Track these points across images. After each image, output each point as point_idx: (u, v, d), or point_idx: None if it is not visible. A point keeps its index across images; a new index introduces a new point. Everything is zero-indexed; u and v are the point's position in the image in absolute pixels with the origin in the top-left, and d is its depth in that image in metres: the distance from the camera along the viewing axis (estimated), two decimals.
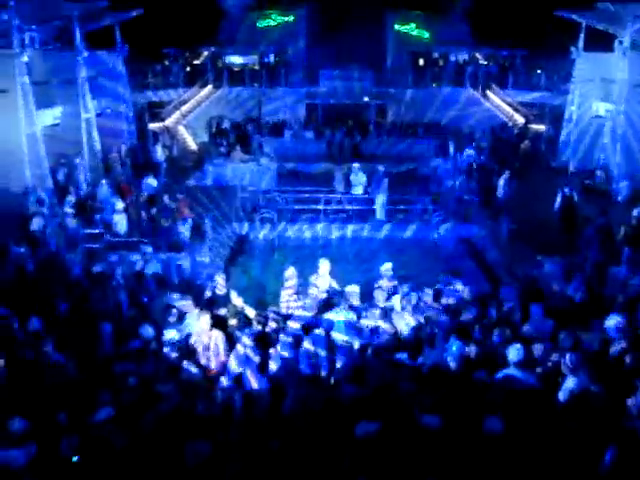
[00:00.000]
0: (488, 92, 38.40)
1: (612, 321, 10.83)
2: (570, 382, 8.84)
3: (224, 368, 10.74)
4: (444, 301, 13.18)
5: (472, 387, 8.87)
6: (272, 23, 43.22)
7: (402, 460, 6.69)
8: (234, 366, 10.46)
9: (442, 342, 10.52)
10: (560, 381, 9.06)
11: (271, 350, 10.79)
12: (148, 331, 11.14)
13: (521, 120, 35.60)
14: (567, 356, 9.08)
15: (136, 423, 7.93)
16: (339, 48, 39.18)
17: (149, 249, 16.27)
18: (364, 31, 40.40)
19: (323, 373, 10.54)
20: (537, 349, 9.94)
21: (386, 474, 6.55)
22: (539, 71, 38.72)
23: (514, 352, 9.45)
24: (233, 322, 12.35)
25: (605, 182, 22.40)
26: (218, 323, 11.98)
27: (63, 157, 22.17)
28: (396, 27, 42.53)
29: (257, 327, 11.86)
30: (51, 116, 21.87)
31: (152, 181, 22.24)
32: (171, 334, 11.26)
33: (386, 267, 14.45)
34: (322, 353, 10.87)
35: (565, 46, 27.53)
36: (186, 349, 11.13)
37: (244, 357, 10.51)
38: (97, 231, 18.40)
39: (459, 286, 13.73)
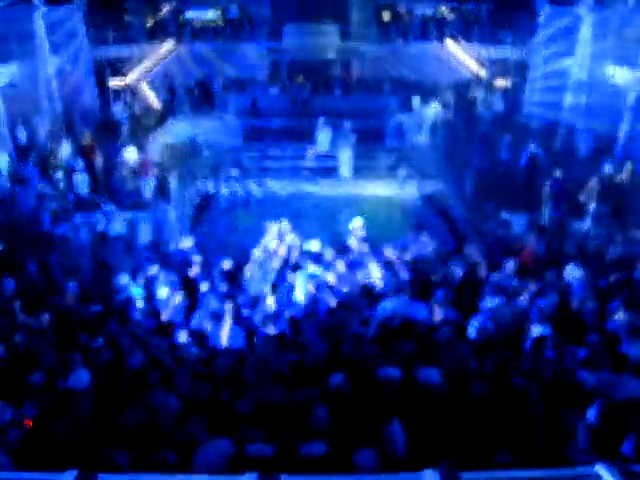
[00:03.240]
0: (453, 47, 38.20)
1: (571, 272, 11.13)
2: (536, 330, 9.10)
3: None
4: (408, 256, 13.27)
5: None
6: None
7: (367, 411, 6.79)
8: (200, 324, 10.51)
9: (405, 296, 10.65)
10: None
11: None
12: (124, 280, 11.16)
13: (484, 75, 35.57)
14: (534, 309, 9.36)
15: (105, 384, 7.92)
16: (304, 3, 38.62)
17: (112, 208, 16.10)
18: None
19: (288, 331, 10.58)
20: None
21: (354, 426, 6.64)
22: (505, 25, 38.59)
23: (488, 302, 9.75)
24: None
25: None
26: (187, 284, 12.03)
27: (22, 116, 21.71)
28: None
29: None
30: (7, 74, 21.36)
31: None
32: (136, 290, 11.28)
33: (356, 223, 14.33)
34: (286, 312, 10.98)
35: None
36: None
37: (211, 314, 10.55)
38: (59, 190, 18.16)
39: (424, 238, 13.84)
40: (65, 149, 20.21)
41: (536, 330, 9.27)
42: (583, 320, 9.89)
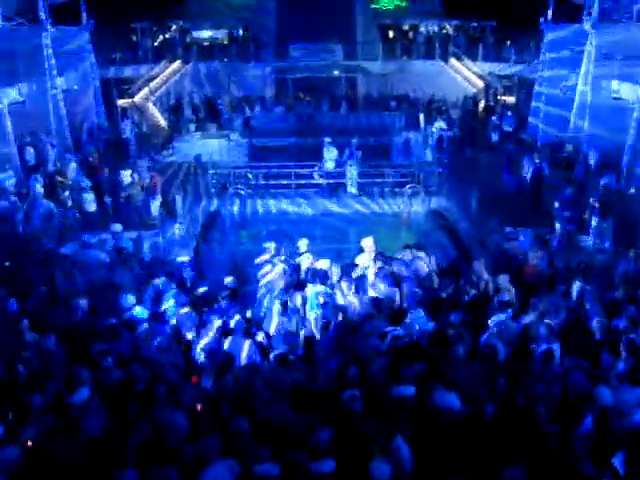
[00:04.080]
0: (458, 64, 38.35)
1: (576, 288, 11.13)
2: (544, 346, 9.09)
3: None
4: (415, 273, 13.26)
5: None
6: None
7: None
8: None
9: (414, 313, 10.64)
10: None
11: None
12: (128, 301, 11.16)
13: (489, 92, 35.67)
14: (541, 326, 9.34)
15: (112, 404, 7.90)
16: (309, 22, 38.82)
17: (119, 227, 16.13)
18: (333, 4, 40.09)
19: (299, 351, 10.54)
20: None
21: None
22: (508, 43, 38.75)
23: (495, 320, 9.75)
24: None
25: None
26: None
27: (30, 135, 21.84)
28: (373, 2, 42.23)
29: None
30: (16, 93, 21.50)
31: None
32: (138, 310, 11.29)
33: (367, 241, 14.30)
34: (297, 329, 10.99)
35: (534, 18, 27.57)
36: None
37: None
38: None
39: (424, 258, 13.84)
40: (72, 168, 20.30)
41: (544, 346, 9.24)
42: (592, 336, 9.85)
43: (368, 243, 14.18)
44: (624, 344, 8.85)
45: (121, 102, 32.68)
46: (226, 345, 10.21)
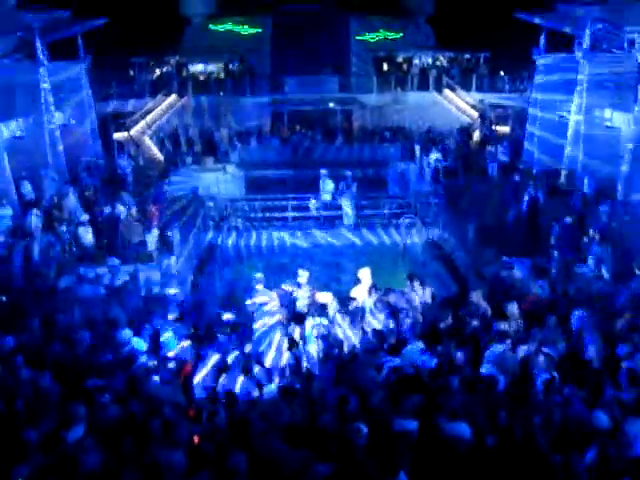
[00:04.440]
0: (452, 95, 38.67)
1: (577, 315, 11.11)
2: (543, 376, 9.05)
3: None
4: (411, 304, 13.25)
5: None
6: (236, 30, 43.12)
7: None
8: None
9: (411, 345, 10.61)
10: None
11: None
12: (125, 335, 11.11)
13: (484, 122, 35.91)
14: (540, 355, 9.31)
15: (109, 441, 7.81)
16: (304, 55, 39.23)
17: (116, 261, 16.11)
18: (328, 37, 40.52)
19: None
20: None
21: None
22: (502, 73, 39.14)
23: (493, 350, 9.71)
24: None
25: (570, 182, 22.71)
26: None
27: (27, 169, 21.86)
28: (360, 34, 42.59)
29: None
30: (14, 128, 21.58)
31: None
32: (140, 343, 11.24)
33: (363, 273, 14.27)
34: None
35: (527, 48, 27.88)
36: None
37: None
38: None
39: (418, 289, 13.83)
40: (70, 201, 20.31)
41: (544, 376, 9.20)
42: (591, 366, 9.82)
43: (365, 274, 14.15)
44: (625, 373, 8.82)
45: (117, 136, 32.81)
46: (222, 380, 10.17)
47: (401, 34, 43.13)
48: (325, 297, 13.26)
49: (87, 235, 18.62)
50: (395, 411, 8.02)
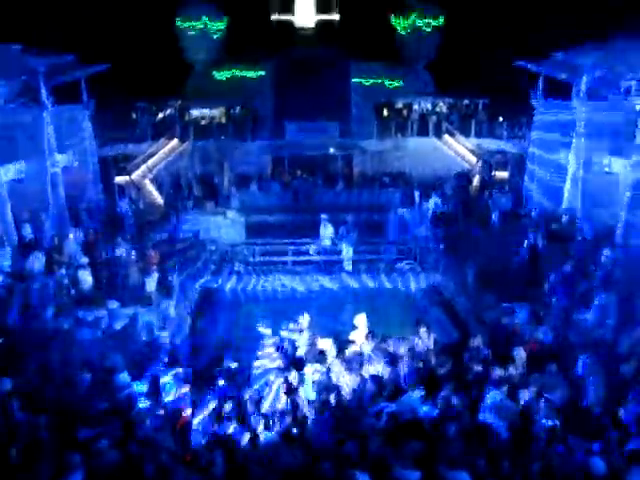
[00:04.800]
0: (451, 140, 38.96)
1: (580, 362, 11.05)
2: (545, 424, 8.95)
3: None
4: (411, 350, 13.16)
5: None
6: (238, 76, 43.66)
7: None
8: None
9: (411, 393, 10.53)
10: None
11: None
12: (124, 379, 11.03)
13: (483, 168, 36.10)
14: (541, 401, 9.22)
15: None
16: (304, 100, 39.57)
17: (115, 304, 16.06)
18: (329, 83, 40.94)
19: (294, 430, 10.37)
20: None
21: None
22: (501, 119, 39.47)
23: (492, 396, 9.58)
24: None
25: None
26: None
27: (28, 212, 21.92)
28: (360, 80, 43.07)
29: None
30: (16, 170, 21.71)
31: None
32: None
33: (360, 319, 14.23)
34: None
35: (525, 94, 28.22)
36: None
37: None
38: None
39: (424, 335, 13.74)
40: (70, 244, 20.32)
41: (545, 424, 9.11)
42: (593, 413, 9.73)
43: (361, 321, 14.09)
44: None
45: (119, 179, 32.98)
46: (219, 427, 10.10)
47: (401, 82, 43.63)
48: (325, 343, 13.19)
49: (86, 278, 18.59)
50: (394, 457, 7.92)
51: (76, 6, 44.61)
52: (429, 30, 44.35)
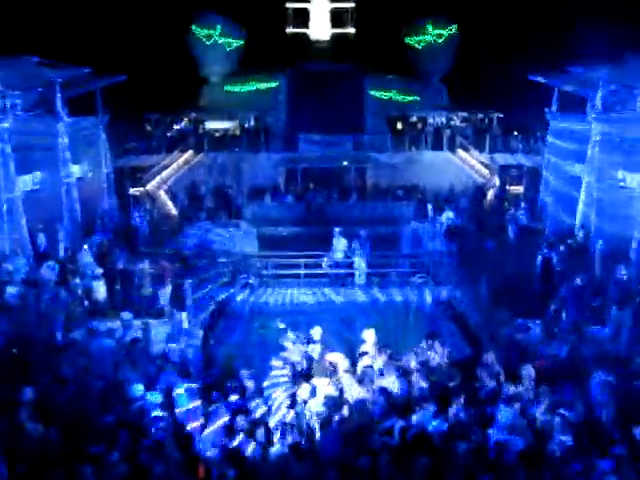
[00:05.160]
0: (465, 154, 38.95)
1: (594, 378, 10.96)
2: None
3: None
4: (424, 364, 13.09)
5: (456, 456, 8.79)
6: (252, 89, 43.87)
7: None
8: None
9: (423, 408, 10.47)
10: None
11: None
12: (137, 390, 11.05)
13: (497, 182, 36.06)
14: (557, 417, 9.17)
15: None
16: (318, 113, 39.70)
17: (128, 316, 16.09)
18: (343, 96, 41.07)
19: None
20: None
21: None
22: (515, 133, 39.45)
23: (504, 414, 9.52)
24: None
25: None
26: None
27: (43, 222, 22.04)
28: (374, 93, 43.17)
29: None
30: (31, 181, 21.87)
31: None
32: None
33: (368, 334, 14.18)
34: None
35: (540, 108, 28.19)
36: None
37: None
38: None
39: (438, 348, 13.66)
40: (84, 255, 20.40)
41: (559, 441, 9.03)
42: (607, 430, 9.64)
43: (369, 335, 14.05)
44: None
45: (133, 190, 33.17)
46: (230, 440, 10.10)
47: (416, 96, 43.69)
48: (335, 357, 13.15)
49: (100, 289, 18.67)
50: (404, 473, 7.90)
51: (92, 19, 45.11)
52: (441, 42, 44.41)
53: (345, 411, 10.97)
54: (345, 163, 38.02)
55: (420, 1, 48.05)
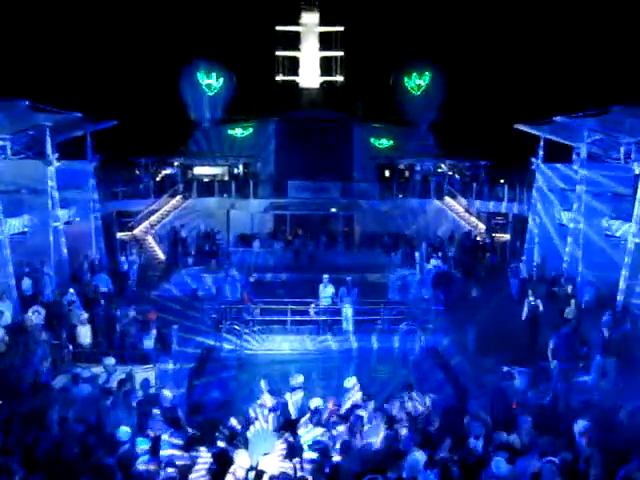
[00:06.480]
0: (453, 202, 39.23)
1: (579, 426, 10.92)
2: None
3: None
4: (409, 413, 13.01)
5: None
6: (242, 135, 44.19)
7: None
8: None
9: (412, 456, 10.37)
10: None
11: None
12: (124, 434, 10.91)
13: (483, 230, 36.30)
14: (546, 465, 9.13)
15: None
16: (307, 160, 40.03)
17: (112, 361, 15.95)
18: (332, 143, 41.47)
19: None
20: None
21: None
22: (502, 181, 39.81)
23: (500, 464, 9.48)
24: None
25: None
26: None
27: (29, 265, 21.95)
28: (363, 140, 43.56)
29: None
30: (19, 224, 21.84)
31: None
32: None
33: (351, 381, 14.10)
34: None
35: (526, 157, 28.51)
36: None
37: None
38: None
39: (417, 397, 13.60)
40: (70, 300, 20.28)
41: None
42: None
43: (351, 383, 14.00)
44: None
45: (121, 235, 33.16)
46: None
47: (403, 143, 44.11)
48: (315, 402, 13.05)
49: (86, 334, 18.53)
50: None
51: (83, 65, 45.61)
52: (420, 93, 44.97)
53: (331, 460, 10.85)
54: (333, 210, 38.20)
55: (410, 50, 48.96)
